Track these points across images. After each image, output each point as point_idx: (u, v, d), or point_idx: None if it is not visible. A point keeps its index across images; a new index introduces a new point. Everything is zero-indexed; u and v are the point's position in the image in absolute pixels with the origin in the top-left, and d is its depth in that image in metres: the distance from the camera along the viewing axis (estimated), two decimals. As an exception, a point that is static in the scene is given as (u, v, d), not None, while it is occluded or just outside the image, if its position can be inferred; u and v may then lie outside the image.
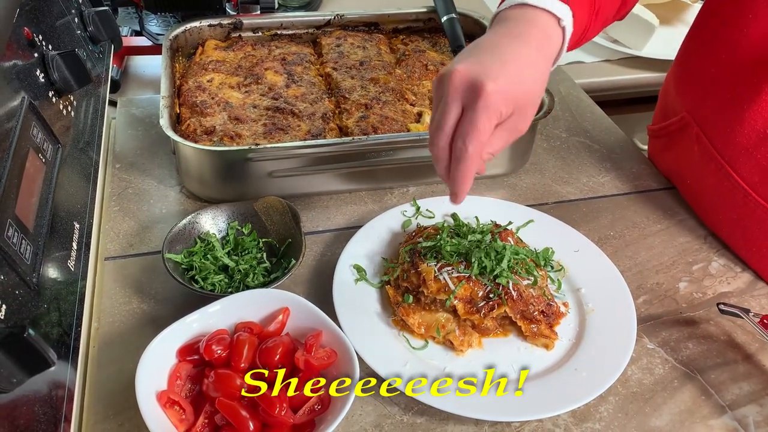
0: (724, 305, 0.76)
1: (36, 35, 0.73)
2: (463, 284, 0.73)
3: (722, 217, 0.91)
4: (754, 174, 0.83)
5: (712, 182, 0.90)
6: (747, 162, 0.84)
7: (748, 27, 0.81)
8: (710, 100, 0.88)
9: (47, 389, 0.55)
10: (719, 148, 0.87)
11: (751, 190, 0.84)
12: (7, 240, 0.53)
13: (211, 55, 1.09)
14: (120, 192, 0.95)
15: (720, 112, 0.87)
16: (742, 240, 0.88)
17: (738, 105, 0.83)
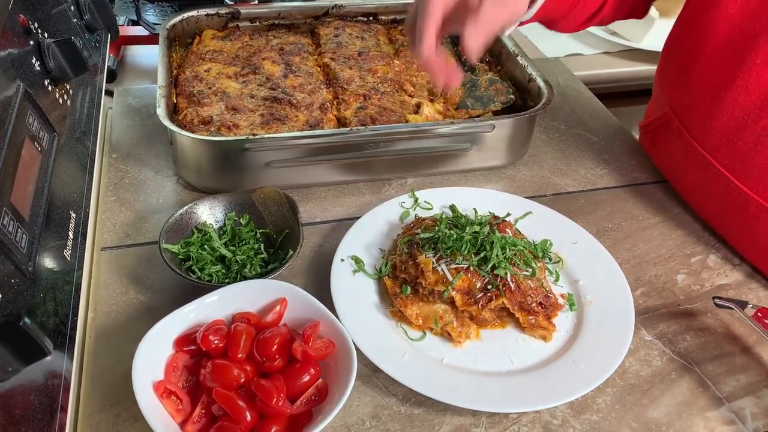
0: (719, 299, 0.76)
1: (32, 23, 0.72)
2: (461, 275, 0.73)
3: (711, 209, 0.91)
4: (735, 161, 0.83)
5: (696, 175, 0.91)
6: (727, 150, 0.84)
7: (717, 14, 0.82)
8: (688, 91, 0.89)
9: (43, 379, 0.55)
10: (699, 139, 0.87)
11: (733, 178, 0.84)
12: (3, 228, 0.53)
13: (209, 45, 1.08)
14: (117, 182, 0.94)
15: (698, 102, 0.87)
16: (731, 230, 0.88)
17: (714, 93, 0.83)
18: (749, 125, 0.80)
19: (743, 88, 0.80)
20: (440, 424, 0.67)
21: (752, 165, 0.81)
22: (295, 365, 0.65)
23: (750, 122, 0.80)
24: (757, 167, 0.81)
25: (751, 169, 0.82)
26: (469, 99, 1.04)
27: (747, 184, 0.83)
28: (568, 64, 1.33)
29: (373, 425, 0.67)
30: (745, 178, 0.83)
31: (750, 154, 0.81)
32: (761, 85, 0.78)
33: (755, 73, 0.78)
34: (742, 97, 0.80)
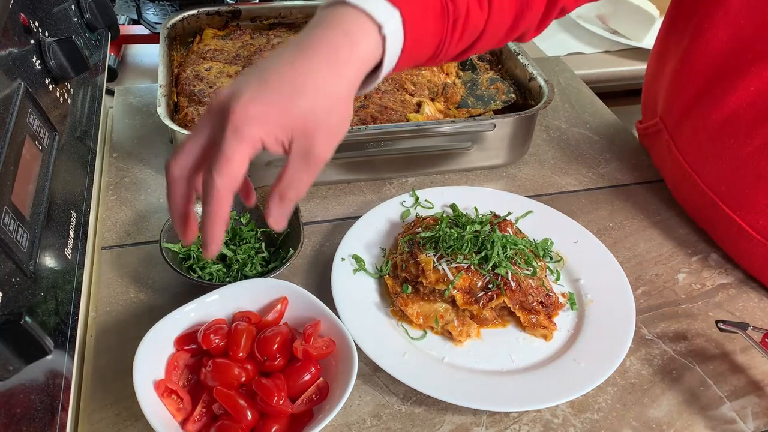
0: (723, 323, 0.73)
1: (32, 22, 0.72)
2: (461, 274, 0.73)
3: (700, 220, 0.91)
4: (720, 183, 0.83)
5: (684, 188, 0.91)
6: (712, 171, 0.83)
7: (709, 35, 0.80)
8: (676, 107, 0.88)
9: (44, 377, 0.55)
10: (686, 157, 0.87)
11: (717, 199, 0.83)
12: (4, 227, 0.53)
13: (209, 44, 1.08)
14: (117, 181, 0.94)
15: (685, 119, 0.86)
16: (723, 241, 0.88)
17: (702, 113, 0.83)
18: (735, 149, 0.79)
19: (733, 113, 0.78)
20: (441, 423, 0.67)
21: (735, 189, 0.81)
22: (295, 364, 0.65)
23: (735, 147, 0.79)
24: (740, 192, 0.80)
25: (734, 192, 0.81)
26: (469, 98, 1.04)
27: (730, 207, 0.82)
28: (569, 63, 1.33)
29: (374, 424, 0.67)
30: (728, 200, 0.82)
31: (734, 178, 0.81)
32: (751, 112, 0.77)
33: (747, 99, 0.77)
34: (729, 122, 0.79)
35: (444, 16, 0.61)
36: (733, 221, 0.82)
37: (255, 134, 0.51)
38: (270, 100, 0.52)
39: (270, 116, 0.51)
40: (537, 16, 0.71)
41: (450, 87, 1.03)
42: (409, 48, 0.58)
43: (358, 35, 0.55)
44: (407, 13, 0.57)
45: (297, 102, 0.52)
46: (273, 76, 0.53)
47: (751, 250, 0.82)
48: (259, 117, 0.51)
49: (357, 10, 0.55)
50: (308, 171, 0.55)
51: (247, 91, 0.51)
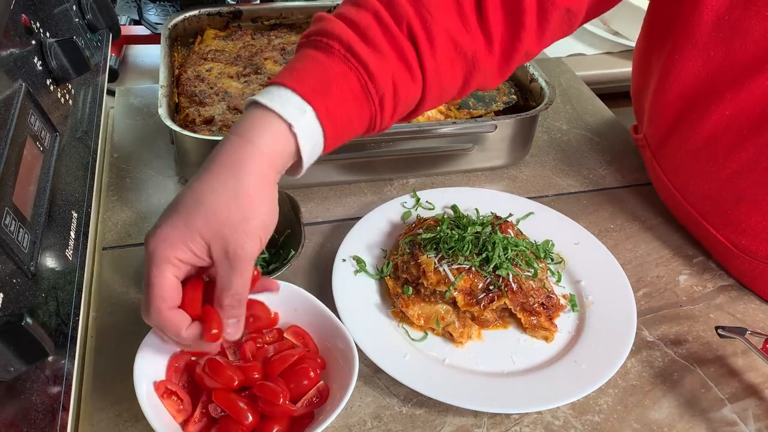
0: (722, 329, 0.73)
1: (34, 22, 0.72)
2: (462, 276, 0.73)
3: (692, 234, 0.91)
4: (704, 204, 0.83)
5: (671, 205, 0.91)
6: (695, 192, 0.84)
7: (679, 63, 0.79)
8: (658, 128, 0.87)
9: (45, 378, 0.54)
10: (669, 176, 0.88)
11: (701, 218, 0.84)
12: (5, 228, 0.53)
13: (210, 45, 1.08)
14: (118, 182, 0.94)
15: (666, 140, 0.86)
16: (714, 254, 0.88)
17: (680, 135, 0.82)
18: (714, 172, 0.79)
19: (710, 138, 0.78)
20: (442, 425, 0.67)
21: (717, 210, 0.81)
22: (295, 367, 0.65)
23: (714, 170, 0.79)
24: (722, 212, 0.81)
25: (716, 213, 0.82)
26: (470, 99, 1.04)
27: (713, 226, 0.83)
28: (570, 64, 1.33)
29: (375, 426, 0.67)
30: (712, 219, 0.83)
31: (715, 198, 0.81)
32: (728, 137, 0.76)
33: (723, 124, 0.76)
34: (708, 145, 0.79)
35: (366, 97, 0.62)
36: (718, 240, 0.82)
37: (167, 254, 0.55)
38: (173, 221, 0.56)
39: (176, 236, 0.55)
40: (492, 71, 0.71)
41: (451, 88, 1.03)
42: (332, 135, 0.61)
43: (255, 135, 0.58)
44: (320, 106, 0.59)
45: (198, 212, 0.55)
46: (179, 200, 0.57)
47: (739, 265, 0.83)
48: (166, 239, 0.55)
49: (269, 112, 0.58)
50: (235, 271, 0.57)
51: (158, 224, 0.56)
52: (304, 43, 0.64)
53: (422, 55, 0.65)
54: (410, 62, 0.64)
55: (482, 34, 0.68)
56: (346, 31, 0.62)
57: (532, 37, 0.69)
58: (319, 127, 0.60)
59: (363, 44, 0.62)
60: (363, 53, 0.61)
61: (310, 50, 0.63)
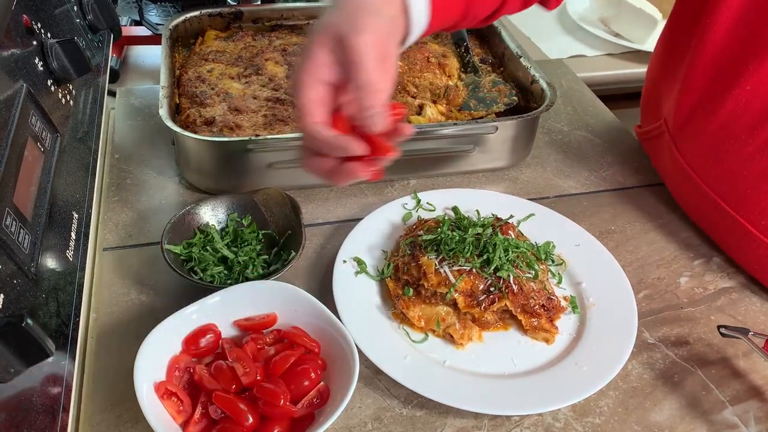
0: (725, 328, 0.73)
1: (35, 23, 0.72)
2: (463, 277, 0.73)
3: (703, 222, 0.91)
4: (722, 183, 0.83)
5: (685, 190, 0.91)
6: (713, 172, 0.84)
7: (707, 37, 0.81)
8: (681, 109, 0.88)
9: (45, 379, 0.54)
10: (687, 159, 0.87)
11: (719, 199, 0.84)
12: (5, 229, 0.53)
13: (211, 46, 1.08)
14: (119, 182, 0.94)
15: (688, 121, 0.86)
16: (726, 242, 0.88)
17: (703, 115, 0.83)
18: (735, 150, 0.80)
19: (732, 114, 0.79)
20: (442, 427, 0.67)
21: (737, 189, 0.81)
22: (296, 368, 0.65)
23: (736, 147, 0.79)
24: (742, 192, 0.81)
25: (736, 193, 0.81)
26: (471, 100, 1.03)
27: (732, 207, 0.82)
28: (571, 65, 1.33)
29: (375, 427, 0.67)
30: (730, 201, 0.82)
31: (736, 178, 0.81)
32: (750, 112, 0.77)
33: (744, 99, 0.77)
34: (730, 122, 0.80)
35: None
36: (736, 221, 0.82)
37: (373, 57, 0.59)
38: None
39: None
40: None
41: (452, 89, 1.03)
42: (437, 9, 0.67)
43: None
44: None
45: None
46: None
47: (754, 251, 0.82)
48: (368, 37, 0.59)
49: None
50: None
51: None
52: None
53: None
54: None
55: None
56: None
57: None
58: None
59: None
60: None
61: None
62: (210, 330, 0.68)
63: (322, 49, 0.60)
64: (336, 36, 0.59)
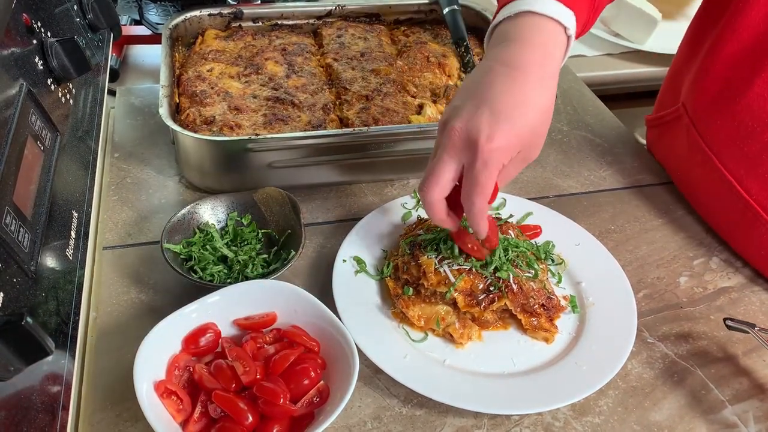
0: (731, 321, 0.73)
1: (35, 22, 0.72)
2: (463, 277, 0.73)
3: (712, 209, 0.91)
4: (740, 167, 0.83)
5: (699, 174, 0.91)
6: (733, 155, 0.84)
7: (741, 20, 0.81)
8: (703, 91, 0.88)
9: (45, 378, 0.54)
10: (707, 140, 0.88)
11: (737, 183, 0.84)
12: (5, 227, 0.53)
13: (211, 45, 1.08)
14: (119, 181, 0.94)
15: (711, 103, 0.87)
16: (733, 232, 0.88)
17: (729, 97, 0.83)
18: (757, 134, 0.80)
19: (758, 97, 0.80)
20: (442, 426, 0.67)
21: (755, 173, 0.82)
22: (295, 367, 0.65)
23: (759, 131, 0.80)
24: (760, 176, 0.81)
25: (753, 176, 0.82)
26: (471, 100, 1.03)
27: (747, 191, 0.83)
28: (571, 65, 1.33)
29: (375, 426, 0.67)
30: (746, 185, 0.83)
31: (755, 161, 0.81)
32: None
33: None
34: (755, 105, 0.80)
35: (591, 5, 0.72)
36: (749, 206, 0.82)
37: (500, 162, 0.63)
38: (507, 134, 0.62)
39: (509, 147, 0.63)
40: None
41: (452, 89, 1.03)
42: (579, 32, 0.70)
43: (553, 48, 0.67)
44: (578, 11, 0.68)
45: (525, 128, 0.63)
46: (501, 108, 0.63)
47: (762, 237, 0.82)
48: (501, 149, 0.62)
49: (545, 18, 0.66)
50: (521, 168, 0.69)
51: (484, 128, 0.62)
52: None
53: None
54: None
55: None
56: None
57: None
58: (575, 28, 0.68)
59: None
60: None
61: None
62: (210, 329, 0.68)
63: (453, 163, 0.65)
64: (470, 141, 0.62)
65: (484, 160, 0.62)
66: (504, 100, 0.63)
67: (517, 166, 0.67)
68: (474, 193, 0.64)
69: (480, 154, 0.62)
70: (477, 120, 0.62)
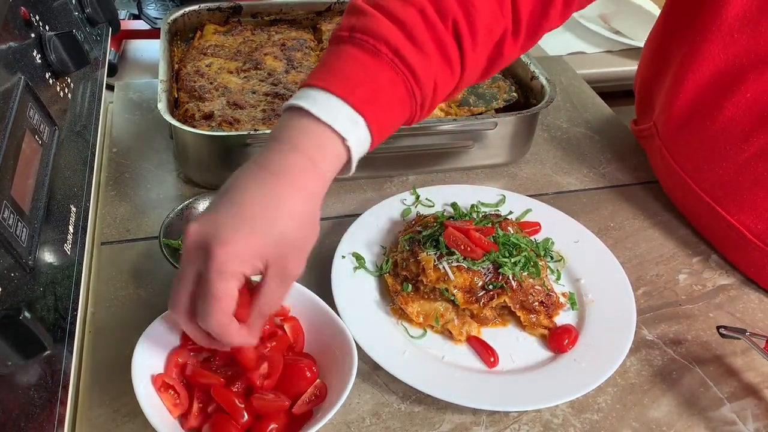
0: (724, 329, 0.72)
1: (33, 15, 0.72)
2: (462, 273, 0.72)
3: (698, 224, 0.91)
4: (716, 188, 0.83)
5: (680, 192, 0.91)
6: (708, 177, 0.83)
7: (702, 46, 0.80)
8: (673, 116, 0.87)
9: (43, 373, 0.54)
10: (681, 163, 0.87)
11: (716, 204, 0.84)
12: (3, 222, 0.53)
13: (210, 40, 1.08)
14: (117, 176, 0.94)
15: (682, 128, 0.86)
16: (720, 246, 0.88)
17: (700, 121, 0.83)
18: (732, 156, 0.80)
19: (730, 120, 0.79)
20: (440, 422, 0.67)
21: (733, 195, 0.81)
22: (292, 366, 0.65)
23: (732, 153, 0.79)
24: (738, 197, 0.81)
25: (732, 197, 0.81)
26: (471, 96, 1.03)
27: (728, 212, 0.82)
28: (571, 62, 1.33)
29: (374, 423, 0.67)
30: (726, 205, 0.82)
31: (731, 183, 0.81)
32: (748, 118, 0.77)
33: (743, 106, 0.77)
34: (728, 128, 0.79)
35: (411, 101, 0.62)
36: (732, 226, 0.82)
37: (237, 270, 0.54)
38: (246, 239, 0.54)
39: (247, 253, 0.54)
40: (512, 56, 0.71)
41: (451, 85, 1.03)
42: (377, 140, 0.61)
43: (320, 158, 0.57)
44: (371, 117, 0.58)
45: (270, 234, 0.55)
46: (246, 212, 0.54)
47: (749, 254, 0.82)
48: (238, 256, 0.53)
49: (320, 124, 0.57)
50: (284, 286, 0.58)
51: (223, 231, 0.53)
52: (346, 39, 0.60)
53: (464, 51, 0.64)
54: (452, 60, 0.63)
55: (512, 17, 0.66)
56: (393, 31, 0.60)
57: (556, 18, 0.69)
58: (368, 137, 0.59)
59: (410, 46, 0.60)
60: (410, 57, 0.60)
61: (354, 50, 0.59)
62: (208, 324, 0.68)
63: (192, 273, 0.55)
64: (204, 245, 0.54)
65: (217, 268, 0.53)
66: (252, 204, 0.55)
67: (276, 284, 0.57)
68: (208, 308, 0.54)
69: (214, 260, 0.53)
70: (214, 222, 0.54)
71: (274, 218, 0.55)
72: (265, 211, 0.55)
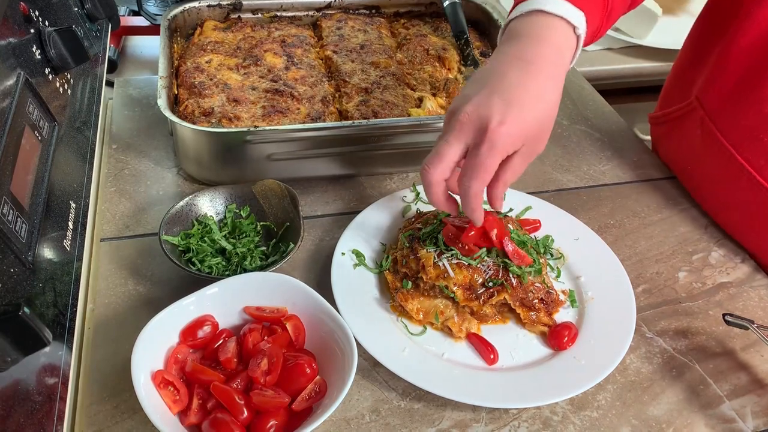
0: (730, 316, 0.73)
1: (32, 11, 0.72)
2: (462, 271, 0.72)
3: (724, 202, 0.91)
4: (760, 157, 0.83)
5: (714, 167, 0.90)
6: (752, 145, 0.83)
7: (759, 10, 0.81)
8: (719, 84, 0.88)
9: (42, 369, 0.54)
10: (725, 132, 0.87)
11: (757, 174, 0.83)
12: (2, 217, 0.53)
13: (210, 36, 1.08)
14: (116, 173, 0.94)
15: (728, 96, 0.86)
16: (745, 225, 0.88)
17: (746, 88, 0.83)
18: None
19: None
20: (440, 419, 0.67)
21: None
22: (292, 362, 0.65)
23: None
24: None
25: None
26: (471, 93, 1.03)
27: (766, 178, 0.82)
28: (571, 59, 1.32)
29: (373, 419, 0.67)
30: (767, 175, 0.82)
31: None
32: None
33: None
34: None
35: (604, 9, 0.74)
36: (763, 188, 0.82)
37: (506, 147, 0.64)
38: (517, 122, 0.64)
39: (518, 134, 0.64)
40: None
41: (452, 82, 1.03)
42: (589, 37, 0.72)
43: (565, 47, 0.70)
44: (588, 12, 0.70)
45: (534, 119, 0.65)
46: (512, 96, 0.64)
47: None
48: (510, 135, 0.64)
49: (555, 17, 0.68)
50: (527, 163, 0.69)
51: (496, 113, 0.64)
52: None
53: None
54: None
55: None
56: None
57: None
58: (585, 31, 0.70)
59: None
60: None
61: None
62: (208, 321, 0.68)
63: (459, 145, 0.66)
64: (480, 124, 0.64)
65: (491, 143, 0.63)
66: (516, 90, 0.65)
67: (524, 160, 0.68)
68: (473, 175, 0.65)
69: (488, 135, 0.63)
70: (489, 105, 0.64)
71: (537, 105, 0.65)
72: (530, 99, 0.65)
